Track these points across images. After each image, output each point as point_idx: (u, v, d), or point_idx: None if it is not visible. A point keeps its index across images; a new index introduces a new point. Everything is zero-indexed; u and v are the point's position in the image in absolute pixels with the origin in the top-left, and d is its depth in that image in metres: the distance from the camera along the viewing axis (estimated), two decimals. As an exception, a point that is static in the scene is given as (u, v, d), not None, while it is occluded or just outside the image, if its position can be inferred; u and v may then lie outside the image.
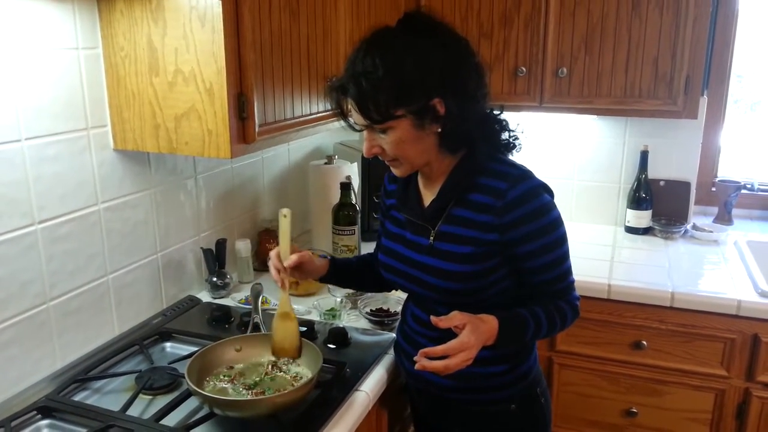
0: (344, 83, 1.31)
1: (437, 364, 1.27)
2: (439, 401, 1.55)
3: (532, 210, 1.35)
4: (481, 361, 1.37)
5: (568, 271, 1.45)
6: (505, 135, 1.45)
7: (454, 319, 1.30)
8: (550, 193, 1.41)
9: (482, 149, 1.39)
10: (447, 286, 1.41)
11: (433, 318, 1.31)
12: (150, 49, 1.47)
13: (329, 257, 1.68)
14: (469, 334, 1.27)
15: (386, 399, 1.62)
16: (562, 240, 1.41)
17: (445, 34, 1.32)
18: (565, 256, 1.42)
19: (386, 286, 1.66)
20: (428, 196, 1.46)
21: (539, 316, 1.39)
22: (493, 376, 1.46)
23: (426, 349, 1.29)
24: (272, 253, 1.48)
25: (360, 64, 1.27)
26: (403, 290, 1.55)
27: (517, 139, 1.47)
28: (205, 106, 1.45)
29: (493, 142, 1.43)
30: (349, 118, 1.37)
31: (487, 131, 1.42)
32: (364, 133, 1.37)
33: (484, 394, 1.49)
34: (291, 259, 1.46)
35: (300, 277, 1.56)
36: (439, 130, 1.32)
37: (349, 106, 1.33)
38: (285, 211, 1.48)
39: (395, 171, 1.43)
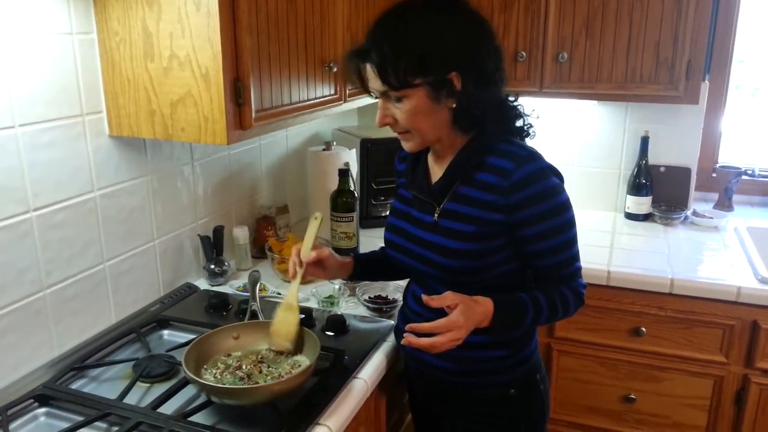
0: (366, 48, 1.32)
1: (423, 342, 1.28)
2: (439, 385, 1.54)
3: (538, 192, 1.34)
4: (482, 345, 1.42)
5: (575, 257, 1.42)
6: (519, 122, 1.46)
7: (446, 298, 1.31)
8: (559, 176, 1.40)
9: (492, 129, 1.38)
10: (449, 264, 1.40)
11: (424, 297, 1.33)
12: (145, 34, 1.45)
13: (351, 255, 1.68)
14: (459, 315, 1.28)
15: (384, 386, 1.62)
16: (569, 224, 1.39)
17: (468, 12, 1.34)
18: (571, 241, 1.40)
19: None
20: (436, 174, 1.46)
21: (539, 302, 1.38)
22: (493, 360, 1.46)
23: (413, 325, 1.31)
24: (293, 249, 1.52)
25: (383, 31, 1.30)
26: (406, 268, 1.54)
27: (531, 126, 1.48)
28: (201, 92, 1.44)
29: (508, 127, 1.43)
30: (369, 87, 1.37)
31: (503, 115, 1.42)
32: (379, 102, 1.37)
33: (484, 378, 1.48)
34: (309, 255, 1.49)
35: (323, 275, 1.58)
36: (454, 105, 1.32)
37: (368, 74, 1.34)
38: (318, 214, 1.57)
39: (405, 145, 1.42)
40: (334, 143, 2.44)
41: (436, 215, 1.43)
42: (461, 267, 1.39)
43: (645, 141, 2.60)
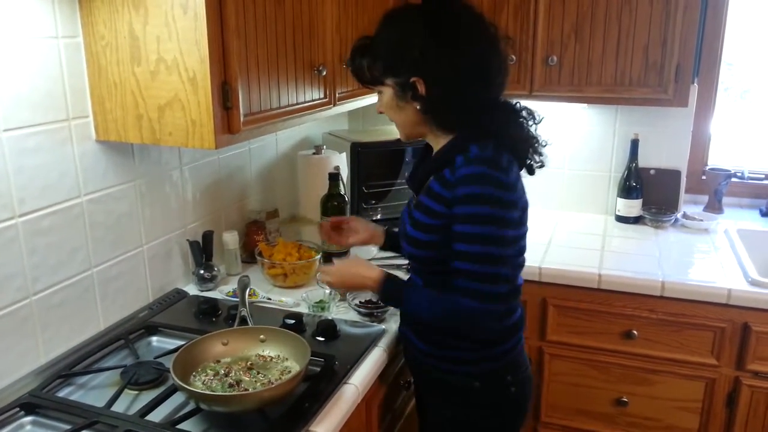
0: (356, 48, 1.51)
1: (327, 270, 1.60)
2: (419, 368, 1.63)
3: (468, 193, 1.35)
4: (447, 331, 1.51)
5: (490, 277, 1.35)
6: (516, 131, 1.47)
7: (329, 270, 1.59)
8: (507, 188, 1.36)
9: (466, 131, 1.43)
10: (413, 253, 1.52)
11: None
12: (131, 38, 1.44)
13: (385, 229, 1.84)
14: (336, 266, 1.60)
15: (376, 392, 1.60)
16: (483, 239, 1.34)
17: (444, 19, 1.39)
18: (479, 257, 1.34)
19: None
20: None
21: (423, 295, 1.48)
22: (456, 348, 1.52)
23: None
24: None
25: (377, 29, 1.47)
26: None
27: (536, 140, 1.51)
28: (188, 96, 1.42)
29: (502, 134, 1.43)
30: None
31: (483, 122, 1.42)
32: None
33: (452, 365, 1.54)
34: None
35: (356, 238, 1.83)
36: (418, 107, 1.43)
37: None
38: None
39: (399, 134, 1.57)
40: (324, 147, 2.43)
41: (413, 206, 1.54)
42: (422, 256, 1.50)
43: (635, 144, 2.60)
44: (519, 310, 1.60)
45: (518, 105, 1.52)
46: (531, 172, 1.53)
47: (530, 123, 1.51)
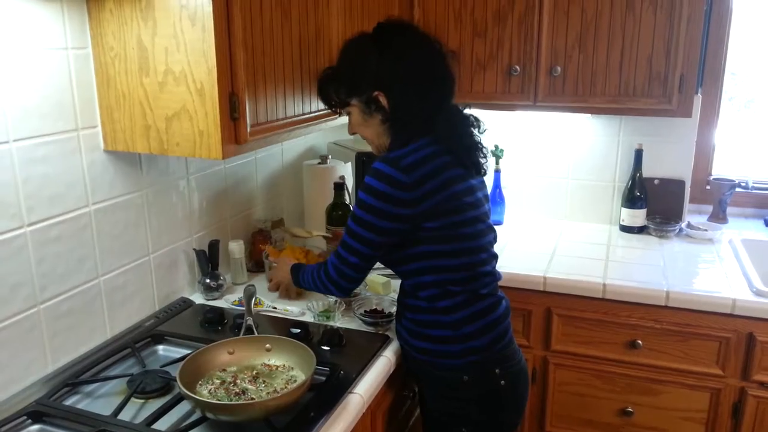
0: (321, 77, 1.69)
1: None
2: (410, 359, 1.69)
3: (365, 183, 1.53)
4: (427, 324, 1.61)
5: (344, 244, 1.60)
6: (467, 139, 1.62)
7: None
8: (395, 185, 1.49)
9: (400, 136, 1.57)
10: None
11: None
12: (140, 49, 1.46)
13: None
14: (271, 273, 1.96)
15: (381, 401, 1.61)
16: (354, 218, 1.56)
17: (395, 36, 1.59)
18: (350, 231, 1.58)
19: None
20: None
21: (307, 269, 1.77)
22: (439, 340, 1.60)
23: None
24: None
25: (337, 58, 1.66)
26: None
27: (480, 144, 1.65)
28: (196, 107, 1.44)
29: (448, 138, 1.57)
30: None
31: (437, 129, 1.56)
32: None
33: (438, 359, 1.61)
34: None
35: None
36: (381, 118, 1.60)
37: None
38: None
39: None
40: (330, 157, 2.45)
41: None
42: (384, 260, 1.65)
43: (639, 154, 2.61)
44: (503, 303, 1.67)
45: (466, 112, 1.66)
46: (479, 172, 1.65)
47: (476, 130, 1.65)
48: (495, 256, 1.69)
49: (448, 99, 1.62)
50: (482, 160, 1.64)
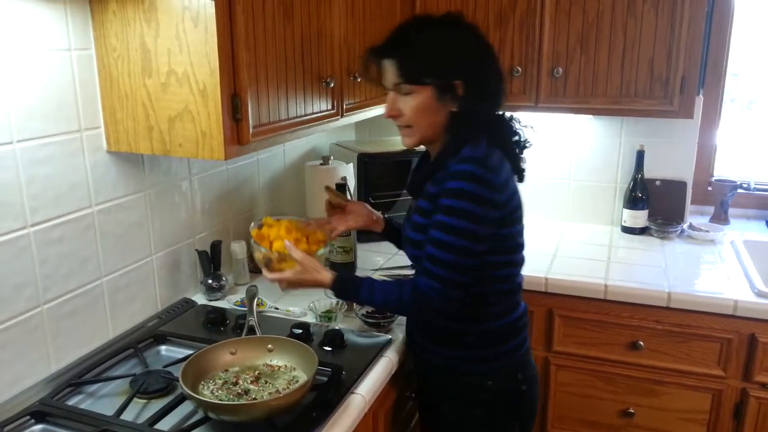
0: (390, 46, 1.50)
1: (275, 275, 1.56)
2: (430, 365, 1.66)
3: (453, 187, 1.42)
4: (456, 332, 1.57)
5: (442, 263, 1.43)
6: (515, 138, 1.59)
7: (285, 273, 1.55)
8: (492, 188, 1.43)
9: (462, 134, 1.49)
10: (411, 253, 1.60)
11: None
12: (143, 50, 1.46)
13: (385, 216, 1.87)
14: (291, 273, 1.54)
15: (382, 401, 1.61)
16: (457, 231, 1.42)
17: (477, 35, 1.52)
18: (449, 246, 1.42)
19: None
20: None
21: (375, 285, 1.52)
22: (469, 347, 1.58)
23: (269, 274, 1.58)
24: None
25: (406, 33, 1.50)
26: None
27: (527, 141, 1.63)
28: (198, 108, 1.44)
29: (496, 136, 1.53)
30: (383, 80, 1.54)
31: (494, 130, 1.53)
32: (389, 95, 1.53)
33: (463, 364, 1.59)
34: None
35: (356, 222, 1.81)
36: (455, 109, 1.48)
37: (384, 69, 1.51)
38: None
39: (405, 141, 1.57)
40: (332, 158, 2.45)
41: (412, 210, 1.61)
42: (418, 256, 1.52)
43: (640, 155, 2.61)
44: (522, 306, 1.67)
45: (511, 115, 1.62)
46: (521, 179, 1.61)
47: (518, 129, 1.61)
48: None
49: (502, 104, 1.57)
50: (524, 166, 1.61)
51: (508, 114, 1.61)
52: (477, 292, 1.52)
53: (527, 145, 1.62)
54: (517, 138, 1.60)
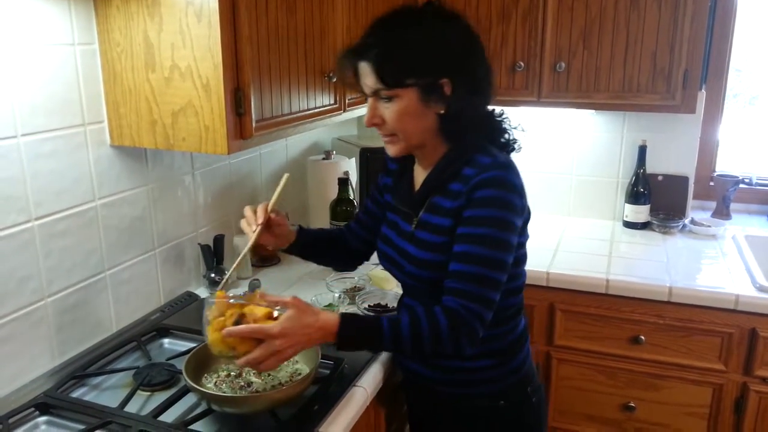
0: (364, 46, 1.33)
1: (241, 360, 1.21)
2: (430, 395, 1.55)
3: (485, 196, 1.30)
4: (470, 356, 1.40)
5: (483, 279, 1.28)
6: (504, 136, 1.47)
7: (285, 302, 1.27)
8: (521, 194, 1.35)
9: (470, 139, 1.38)
10: (421, 275, 1.42)
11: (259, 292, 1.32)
12: (146, 45, 1.47)
13: (298, 226, 1.65)
14: (276, 325, 1.21)
15: (384, 395, 1.62)
16: (495, 242, 1.29)
17: (464, 26, 1.37)
18: (487, 260, 1.28)
19: (351, 266, 1.66)
20: (418, 184, 1.47)
21: (400, 323, 1.26)
22: (480, 369, 1.47)
23: (227, 329, 1.22)
24: (258, 206, 1.50)
25: (383, 31, 1.33)
26: (397, 279, 1.56)
27: (516, 141, 1.48)
28: (201, 102, 1.45)
29: (492, 139, 1.44)
30: (361, 85, 1.37)
31: (487, 128, 1.43)
32: (369, 102, 1.37)
33: (473, 389, 1.49)
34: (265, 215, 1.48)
35: (272, 242, 1.55)
36: (442, 111, 1.34)
37: (362, 71, 1.34)
38: (286, 175, 1.53)
39: (390, 149, 1.42)
40: (334, 152, 2.45)
41: (413, 225, 1.45)
42: (433, 277, 1.37)
43: (642, 150, 2.61)
44: (524, 318, 1.57)
45: (496, 111, 1.48)
46: None
47: (509, 128, 1.48)
48: None
49: (492, 100, 1.43)
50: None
51: (497, 110, 1.48)
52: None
53: (515, 146, 1.48)
54: (507, 137, 1.47)
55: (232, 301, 1.30)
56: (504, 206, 1.30)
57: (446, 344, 1.26)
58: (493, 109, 1.47)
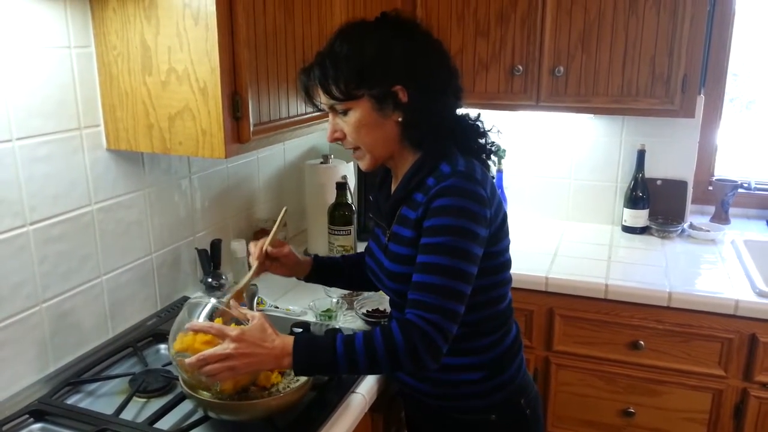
0: (310, 65, 1.36)
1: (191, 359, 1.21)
2: (423, 407, 1.55)
3: (442, 206, 1.27)
4: (455, 368, 1.42)
5: (441, 289, 1.24)
6: (479, 141, 1.44)
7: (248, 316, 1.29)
8: (481, 203, 1.29)
9: (432, 148, 1.36)
10: (394, 288, 1.41)
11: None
12: (143, 48, 1.46)
13: (313, 256, 1.64)
14: (231, 342, 1.20)
15: (382, 401, 1.61)
16: (454, 251, 1.25)
17: (415, 30, 1.36)
18: (446, 269, 1.24)
19: (374, 286, 1.62)
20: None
21: (360, 344, 1.23)
22: (467, 383, 1.45)
23: (189, 323, 1.28)
24: (256, 243, 1.50)
25: (327, 48, 1.34)
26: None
27: (492, 144, 1.46)
28: (198, 106, 1.44)
29: (466, 145, 1.41)
30: (317, 103, 1.39)
31: (457, 133, 1.40)
32: (329, 117, 1.38)
33: (462, 402, 1.47)
34: (263, 251, 1.48)
35: (282, 271, 1.56)
36: (400, 119, 1.33)
37: (316, 90, 1.36)
38: (285, 208, 1.57)
39: (360, 164, 1.42)
40: (332, 156, 2.44)
41: (387, 238, 1.43)
42: (402, 290, 1.34)
43: (641, 154, 2.60)
44: (515, 328, 1.53)
45: (471, 115, 1.46)
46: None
47: (486, 131, 1.46)
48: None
49: (460, 103, 1.41)
50: (493, 173, 1.45)
51: (473, 113, 1.45)
52: (468, 321, 1.35)
53: (494, 149, 1.45)
54: (483, 141, 1.44)
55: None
56: (462, 215, 1.26)
57: (404, 360, 1.22)
58: (466, 114, 1.44)
